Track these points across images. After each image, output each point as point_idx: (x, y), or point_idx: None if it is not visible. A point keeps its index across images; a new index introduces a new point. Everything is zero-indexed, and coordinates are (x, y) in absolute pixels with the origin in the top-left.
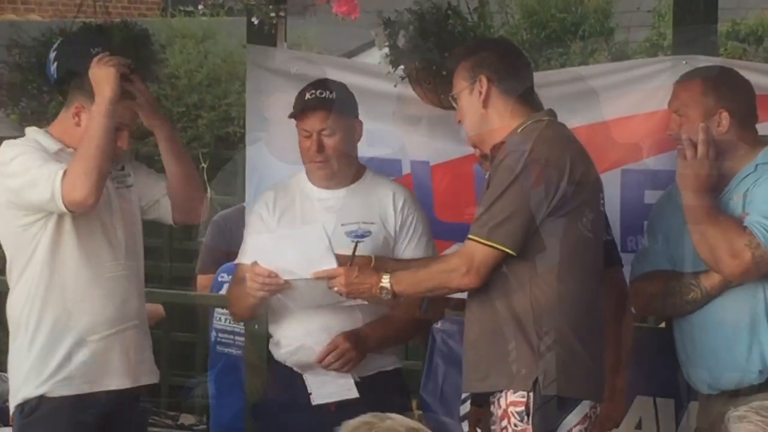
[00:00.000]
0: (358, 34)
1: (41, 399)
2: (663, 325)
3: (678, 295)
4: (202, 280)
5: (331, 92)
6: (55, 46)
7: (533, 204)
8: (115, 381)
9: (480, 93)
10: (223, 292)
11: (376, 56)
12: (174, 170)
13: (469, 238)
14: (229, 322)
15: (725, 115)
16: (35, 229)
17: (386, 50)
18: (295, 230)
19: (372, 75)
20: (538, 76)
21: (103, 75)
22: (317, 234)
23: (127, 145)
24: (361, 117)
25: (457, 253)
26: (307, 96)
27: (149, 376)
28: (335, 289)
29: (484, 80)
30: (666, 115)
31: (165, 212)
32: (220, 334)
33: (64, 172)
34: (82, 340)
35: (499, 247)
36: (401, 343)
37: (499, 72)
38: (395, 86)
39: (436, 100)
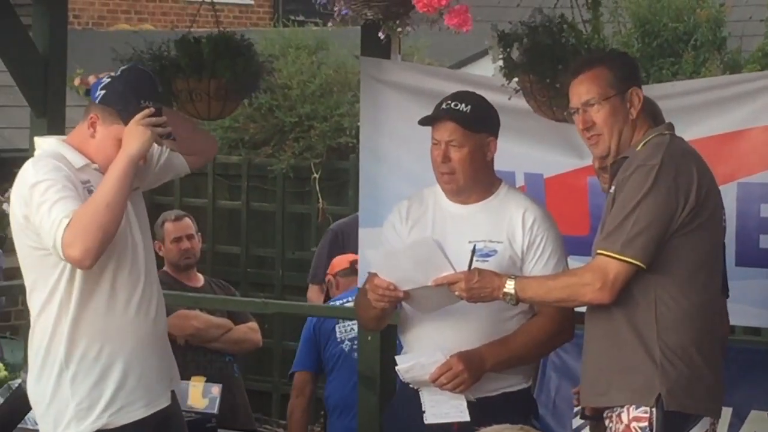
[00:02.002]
0: (469, 44)
1: None
2: None
3: None
4: (312, 290)
5: (466, 105)
6: (108, 76)
7: (664, 218)
8: (164, 399)
9: (631, 105)
10: None
11: (486, 66)
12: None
13: (600, 254)
14: None
15: None
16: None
17: (500, 63)
18: (405, 245)
19: (486, 87)
20: (655, 89)
21: (138, 132)
22: (428, 246)
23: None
24: None
25: (588, 267)
26: (443, 106)
27: (177, 378)
28: (456, 294)
29: (640, 93)
30: None
31: (179, 165)
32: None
33: (69, 222)
34: (129, 362)
35: (633, 261)
36: (523, 364)
37: (640, 86)
38: (509, 99)
39: (550, 113)
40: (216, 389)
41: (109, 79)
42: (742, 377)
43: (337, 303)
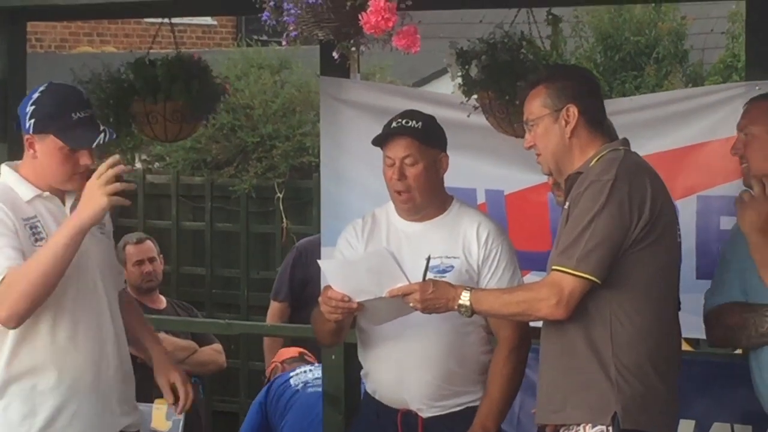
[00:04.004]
0: (432, 62)
1: None
2: (740, 351)
3: (753, 327)
4: (274, 307)
5: (417, 122)
6: (33, 99)
7: (618, 233)
8: None
9: (566, 122)
10: None
11: (449, 83)
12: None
13: (555, 269)
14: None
15: None
16: None
17: (459, 80)
18: (360, 255)
19: (445, 105)
20: (613, 104)
21: (95, 198)
22: (383, 257)
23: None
24: None
25: (544, 283)
26: (394, 124)
27: (128, 417)
28: (411, 305)
29: (574, 110)
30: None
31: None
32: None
33: (1, 281)
34: (62, 400)
35: (587, 277)
36: (513, 398)
37: (584, 102)
38: (469, 116)
39: (510, 129)
40: None
41: (33, 106)
42: (704, 390)
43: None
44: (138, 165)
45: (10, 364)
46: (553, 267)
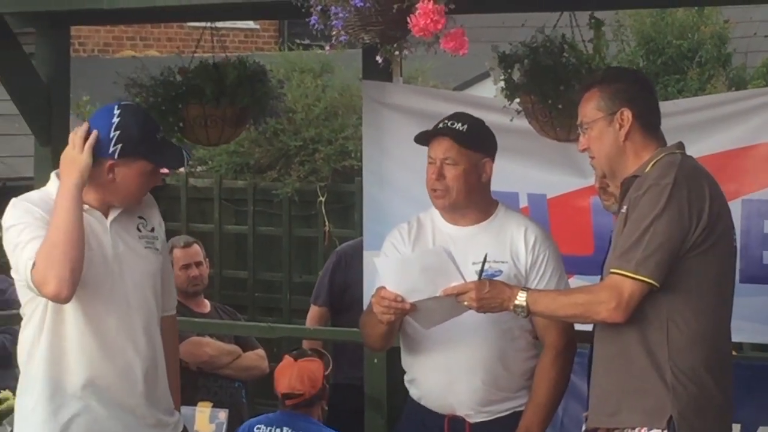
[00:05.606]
0: (474, 66)
1: None
2: None
3: None
4: (313, 311)
5: (463, 125)
6: (114, 124)
7: (677, 237)
8: None
9: (620, 125)
10: None
11: (491, 87)
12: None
13: (614, 272)
14: None
15: None
16: None
17: (501, 84)
18: (416, 253)
19: (488, 108)
20: None
21: (72, 161)
22: (439, 255)
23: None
24: None
25: (603, 286)
26: (440, 125)
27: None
28: (465, 304)
29: (628, 113)
30: None
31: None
32: None
33: (34, 263)
34: (85, 406)
35: (647, 280)
36: (558, 403)
37: (639, 105)
38: (511, 120)
39: (553, 133)
40: (223, 414)
41: (118, 131)
42: (749, 393)
43: None
44: (181, 169)
45: (40, 364)
46: (612, 270)
